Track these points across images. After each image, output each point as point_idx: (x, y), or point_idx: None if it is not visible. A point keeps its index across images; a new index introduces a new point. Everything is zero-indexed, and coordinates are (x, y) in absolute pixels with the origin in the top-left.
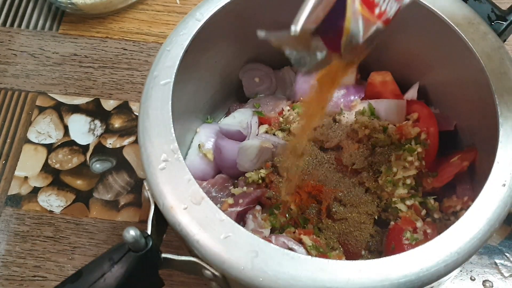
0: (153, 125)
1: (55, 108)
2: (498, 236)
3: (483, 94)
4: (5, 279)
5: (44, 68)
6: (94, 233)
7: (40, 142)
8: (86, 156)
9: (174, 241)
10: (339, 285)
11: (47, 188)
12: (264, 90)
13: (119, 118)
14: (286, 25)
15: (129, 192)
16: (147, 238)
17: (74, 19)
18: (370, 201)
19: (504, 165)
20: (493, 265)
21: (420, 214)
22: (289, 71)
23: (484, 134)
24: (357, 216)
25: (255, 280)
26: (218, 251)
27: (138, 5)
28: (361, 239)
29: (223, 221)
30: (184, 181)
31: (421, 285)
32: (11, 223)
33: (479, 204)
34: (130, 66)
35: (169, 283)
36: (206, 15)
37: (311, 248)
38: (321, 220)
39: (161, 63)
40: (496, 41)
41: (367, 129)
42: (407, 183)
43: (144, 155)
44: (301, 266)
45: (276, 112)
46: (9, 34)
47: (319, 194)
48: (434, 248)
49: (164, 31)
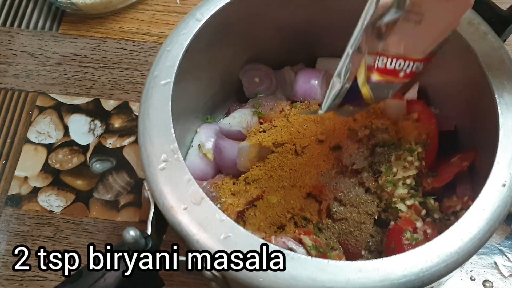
0: (153, 125)
1: (55, 108)
2: (498, 236)
3: (483, 94)
4: (5, 279)
5: (44, 68)
6: (94, 233)
7: (40, 142)
8: (86, 156)
9: (174, 241)
10: (339, 285)
11: (47, 188)
12: (264, 90)
13: (119, 118)
14: (286, 25)
15: (129, 192)
16: (147, 238)
17: (74, 19)
18: (370, 201)
19: (504, 165)
20: (493, 265)
21: (420, 214)
22: (289, 71)
23: (484, 134)
24: (357, 216)
25: (255, 280)
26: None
27: (138, 5)
28: (361, 239)
29: (223, 221)
30: (184, 181)
31: (421, 285)
32: (11, 223)
33: (479, 204)
34: (130, 66)
35: (169, 283)
36: (206, 15)
37: (311, 248)
38: (321, 220)
39: (161, 63)
40: (496, 41)
41: (367, 129)
42: (407, 183)
43: (144, 155)
44: (301, 266)
45: (276, 112)
46: (9, 34)
47: (319, 194)
48: (434, 248)
49: (164, 31)
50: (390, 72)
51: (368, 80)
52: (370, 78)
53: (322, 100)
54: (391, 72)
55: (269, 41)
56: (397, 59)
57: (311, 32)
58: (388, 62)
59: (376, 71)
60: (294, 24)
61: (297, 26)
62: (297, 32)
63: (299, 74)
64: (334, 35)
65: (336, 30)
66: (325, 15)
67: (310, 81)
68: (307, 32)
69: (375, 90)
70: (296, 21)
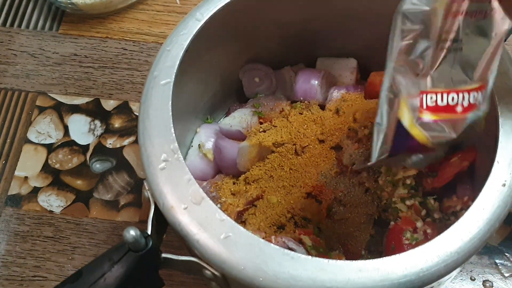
0: (153, 125)
1: (55, 108)
2: (498, 236)
3: None
4: (5, 279)
5: (44, 68)
6: (94, 233)
7: (40, 142)
8: (86, 156)
9: (174, 241)
10: (339, 285)
11: (47, 188)
12: (264, 90)
13: (119, 118)
14: (286, 25)
15: (129, 192)
16: (147, 238)
17: (74, 19)
18: (370, 201)
19: (504, 165)
20: (493, 265)
21: (420, 214)
22: (289, 71)
23: (484, 134)
24: (357, 216)
25: (255, 280)
26: (218, 251)
27: (138, 5)
28: (361, 239)
29: (223, 221)
30: (184, 181)
31: (421, 285)
32: (11, 223)
33: (479, 204)
34: (130, 66)
35: (169, 283)
36: (206, 15)
37: (311, 248)
38: (321, 220)
39: (161, 63)
40: None
41: (366, 129)
42: (407, 183)
43: (144, 155)
44: (301, 266)
45: (276, 112)
46: (9, 34)
47: (319, 194)
48: (434, 248)
49: (164, 31)
50: (443, 109)
51: (420, 121)
52: (422, 119)
53: (322, 100)
54: (446, 109)
55: (269, 41)
56: (448, 93)
57: (311, 32)
58: (439, 99)
59: (428, 111)
60: (294, 24)
61: (297, 26)
62: (297, 32)
63: (299, 74)
64: (334, 35)
65: (336, 30)
66: (326, 15)
67: (310, 81)
68: (307, 32)
69: (431, 130)
70: (296, 21)
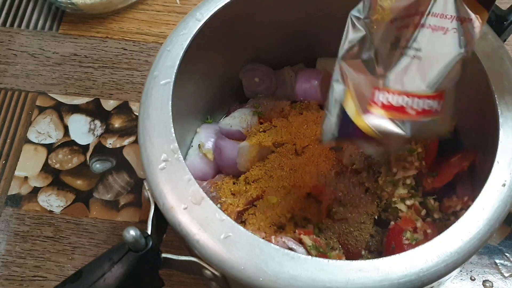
0: (153, 125)
1: (55, 108)
2: (498, 236)
3: (483, 94)
4: (5, 279)
5: (44, 68)
6: (94, 233)
7: (40, 142)
8: (86, 156)
9: (174, 241)
10: (339, 285)
11: (47, 188)
12: (264, 90)
13: (119, 118)
14: (286, 25)
15: (129, 192)
16: (147, 238)
17: (74, 19)
18: (370, 201)
19: (504, 165)
20: (493, 265)
21: (420, 214)
22: (289, 71)
23: (484, 134)
24: (357, 216)
25: (255, 280)
26: (218, 251)
27: (138, 5)
28: (361, 239)
29: (223, 221)
30: (184, 181)
31: (421, 285)
32: (11, 223)
33: (479, 204)
34: (130, 66)
35: (169, 283)
36: (206, 15)
37: (311, 248)
38: (321, 220)
39: (161, 63)
40: (496, 41)
41: None
42: (407, 183)
43: (144, 155)
44: (301, 266)
45: (276, 112)
46: (9, 34)
47: (319, 194)
48: (434, 248)
49: (164, 31)
50: (396, 108)
51: (367, 113)
52: (370, 112)
53: (322, 100)
54: (398, 109)
55: (269, 41)
56: (399, 94)
57: (311, 32)
58: (391, 98)
59: (379, 107)
60: (294, 24)
61: (297, 26)
62: (297, 32)
63: (299, 74)
64: (334, 35)
65: (336, 30)
66: (326, 15)
67: (310, 81)
68: (307, 32)
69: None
70: (296, 21)
